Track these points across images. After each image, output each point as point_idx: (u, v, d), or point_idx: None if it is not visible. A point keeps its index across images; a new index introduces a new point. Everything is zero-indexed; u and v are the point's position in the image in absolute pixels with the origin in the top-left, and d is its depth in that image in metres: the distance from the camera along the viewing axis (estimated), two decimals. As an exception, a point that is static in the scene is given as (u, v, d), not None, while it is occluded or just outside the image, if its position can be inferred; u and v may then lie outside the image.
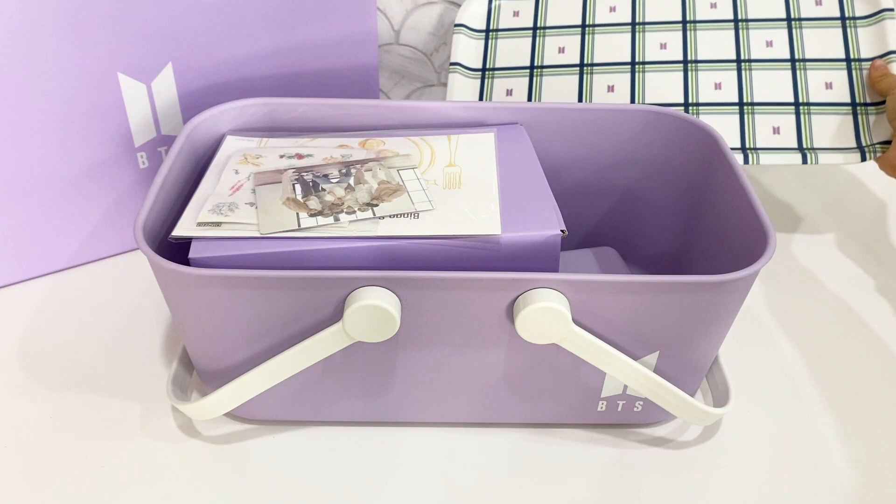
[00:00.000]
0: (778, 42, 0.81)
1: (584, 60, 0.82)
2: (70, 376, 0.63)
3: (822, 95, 0.79)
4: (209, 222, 0.53)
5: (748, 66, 0.81)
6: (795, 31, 0.81)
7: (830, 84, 0.79)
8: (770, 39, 0.81)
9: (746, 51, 0.81)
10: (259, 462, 0.57)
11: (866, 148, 0.76)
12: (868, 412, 0.62)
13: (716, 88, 0.80)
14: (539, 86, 0.82)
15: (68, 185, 0.69)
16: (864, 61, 0.80)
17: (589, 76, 0.82)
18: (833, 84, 0.79)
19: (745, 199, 0.58)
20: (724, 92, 0.80)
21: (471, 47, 0.85)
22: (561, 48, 0.83)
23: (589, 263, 0.70)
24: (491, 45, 0.85)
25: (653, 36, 0.82)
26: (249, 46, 0.71)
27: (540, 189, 0.57)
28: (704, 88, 0.80)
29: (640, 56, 0.82)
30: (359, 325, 0.50)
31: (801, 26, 0.81)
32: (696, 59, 0.81)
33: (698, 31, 0.82)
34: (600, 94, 0.81)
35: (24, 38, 0.61)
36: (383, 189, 0.56)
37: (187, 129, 0.62)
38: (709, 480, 0.57)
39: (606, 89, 0.81)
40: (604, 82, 0.81)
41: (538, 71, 0.83)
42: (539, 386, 0.57)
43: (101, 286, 0.71)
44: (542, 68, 0.83)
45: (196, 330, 0.54)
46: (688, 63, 0.81)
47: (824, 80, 0.79)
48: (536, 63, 0.83)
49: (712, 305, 0.52)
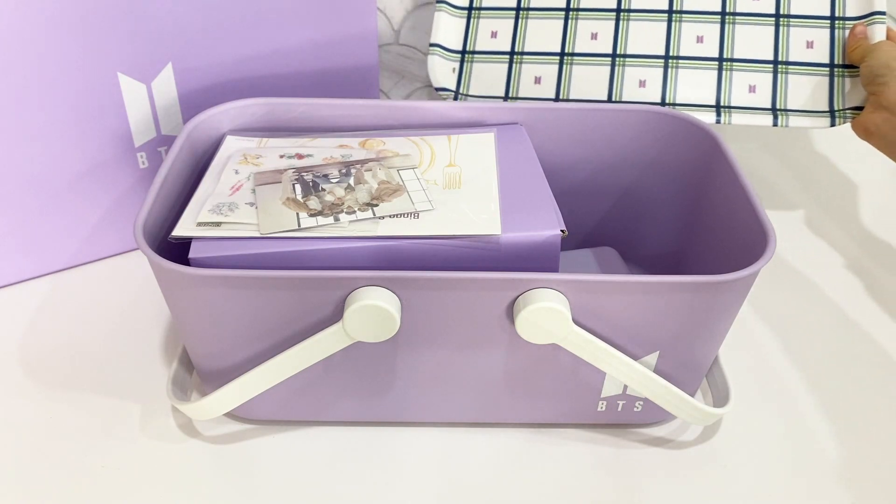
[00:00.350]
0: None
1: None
2: (70, 376, 0.63)
3: (802, 55, 0.78)
4: (209, 222, 0.53)
5: (732, 19, 0.79)
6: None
7: (811, 43, 0.78)
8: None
9: (732, 3, 0.79)
10: (259, 462, 0.57)
11: (837, 113, 0.75)
12: (868, 412, 0.62)
13: (697, 42, 0.79)
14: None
15: (68, 185, 0.69)
16: (849, 20, 0.78)
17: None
18: (814, 43, 0.78)
19: (745, 199, 0.58)
20: (706, 46, 0.78)
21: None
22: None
23: (589, 263, 0.70)
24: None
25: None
26: (249, 46, 0.71)
27: (540, 189, 0.57)
28: (686, 42, 0.78)
29: (626, 4, 0.80)
30: (359, 325, 0.50)
31: None
32: (681, 10, 0.79)
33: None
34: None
35: (23, 38, 0.61)
36: (383, 189, 0.56)
37: (187, 129, 0.62)
38: (709, 480, 0.57)
39: (590, 35, 0.80)
40: (588, 28, 0.80)
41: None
42: (539, 386, 0.57)
43: (101, 286, 0.71)
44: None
45: (196, 330, 0.54)
46: (672, 13, 0.79)
47: (806, 39, 0.78)
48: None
49: (712, 305, 0.52)
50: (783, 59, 0.78)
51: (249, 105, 0.65)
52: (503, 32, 0.82)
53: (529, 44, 0.81)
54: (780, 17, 0.79)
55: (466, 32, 0.82)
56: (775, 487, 0.57)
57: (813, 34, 0.78)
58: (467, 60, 0.82)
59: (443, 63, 0.81)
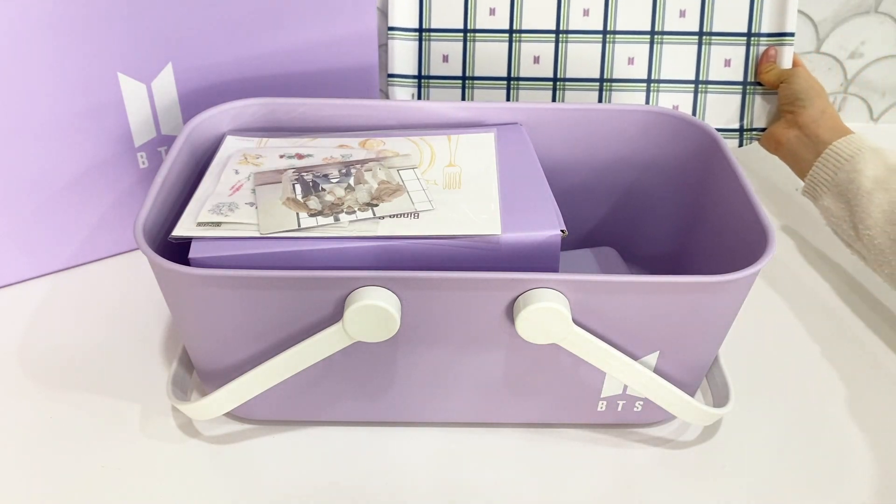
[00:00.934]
0: (691, 12, 0.83)
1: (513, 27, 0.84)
2: (70, 376, 0.63)
3: (720, 73, 0.83)
4: (209, 222, 0.53)
5: (660, 38, 0.83)
6: (708, 1, 0.82)
7: (729, 61, 0.83)
8: (684, 9, 0.83)
9: (661, 22, 0.83)
10: (259, 462, 0.57)
11: (745, 133, 0.81)
12: (869, 412, 0.62)
13: (629, 63, 0.83)
14: (474, 50, 0.84)
15: (68, 185, 0.69)
16: (763, 37, 0.82)
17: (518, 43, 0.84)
18: (731, 61, 0.83)
19: (745, 199, 0.58)
20: (636, 67, 0.83)
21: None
22: (492, 9, 0.84)
23: (589, 263, 0.70)
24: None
25: (577, 3, 0.83)
26: (249, 46, 0.71)
27: (540, 189, 0.57)
28: (619, 63, 0.83)
29: (565, 25, 0.83)
30: (359, 325, 0.50)
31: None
32: (614, 31, 0.83)
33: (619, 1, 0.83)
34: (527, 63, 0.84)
35: (24, 38, 0.61)
36: (383, 189, 0.56)
37: (187, 129, 0.62)
38: (708, 480, 0.57)
39: (532, 60, 0.84)
40: (530, 52, 0.84)
41: (471, 35, 0.84)
42: (539, 386, 0.56)
43: (101, 286, 0.71)
44: (476, 32, 0.84)
45: (196, 330, 0.54)
46: (606, 34, 0.83)
47: (724, 57, 0.83)
48: (469, 27, 0.84)
49: (712, 305, 0.52)
50: (703, 79, 0.83)
51: (249, 105, 0.65)
52: (454, 56, 0.85)
53: (479, 68, 0.85)
54: (703, 35, 0.83)
55: (420, 57, 0.85)
56: (775, 487, 0.57)
57: (731, 52, 0.83)
58: (424, 86, 0.86)
59: (402, 91, 0.85)
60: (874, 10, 0.94)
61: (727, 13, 0.82)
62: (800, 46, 0.96)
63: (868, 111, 1.02)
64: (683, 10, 0.82)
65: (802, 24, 0.94)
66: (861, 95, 1.01)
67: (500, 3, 0.83)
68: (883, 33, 0.95)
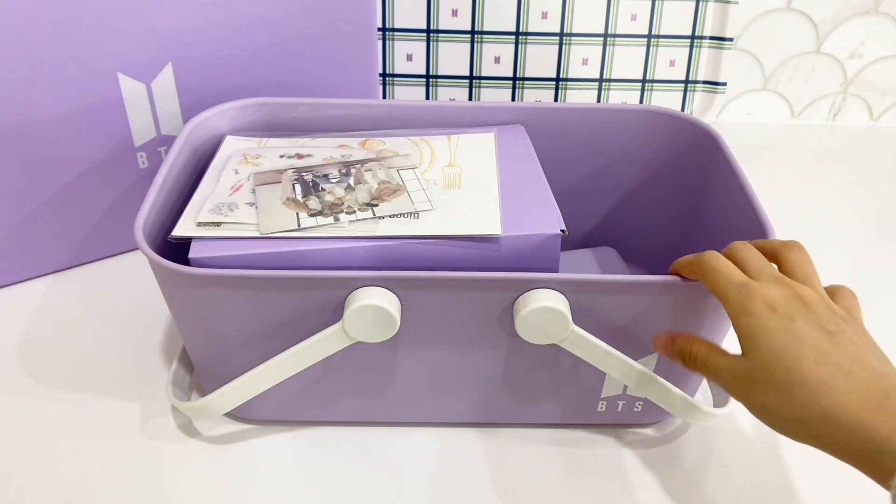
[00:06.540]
0: (641, 16, 0.87)
1: (474, 27, 0.87)
2: (70, 376, 0.63)
3: (665, 72, 0.89)
4: (209, 222, 0.53)
5: (612, 40, 0.88)
6: (658, 3, 0.87)
7: (674, 62, 0.89)
8: (635, 13, 0.87)
9: (614, 25, 0.87)
10: (259, 462, 0.57)
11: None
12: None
13: (583, 64, 0.88)
14: (437, 49, 0.88)
15: (68, 185, 0.69)
16: (706, 39, 0.88)
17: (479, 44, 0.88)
18: (675, 62, 0.89)
19: (745, 199, 0.58)
20: (590, 67, 0.88)
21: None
22: (455, 11, 0.87)
23: (589, 263, 0.70)
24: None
25: (537, 4, 0.86)
26: (249, 46, 0.71)
27: (540, 189, 0.57)
28: (574, 64, 0.88)
29: (524, 27, 0.87)
30: (359, 325, 0.50)
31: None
32: (570, 32, 0.87)
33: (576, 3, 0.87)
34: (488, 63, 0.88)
35: (23, 37, 0.61)
36: (383, 189, 0.56)
37: (187, 129, 0.62)
38: (709, 480, 0.57)
39: (493, 60, 0.88)
40: (491, 52, 0.88)
41: (435, 36, 0.87)
42: (539, 386, 0.56)
43: (101, 286, 0.71)
44: (439, 32, 0.87)
45: (196, 330, 0.54)
46: (563, 36, 0.87)
47: (669, 58, 0.88)
48: (433, 26, 0.87)
49: (713, 305, 0.52)
50: (650, 78, 0.89)
51: (249, 105, 0.65)
52: (418, 55, 0.89)
53: (442, 67, 0.89)
54: (651, 38, 0.88)
55: (384, 55, 0.89)
56: (775, 487, 0.57)
57: (675, 53, 0.88)
58: (388, 83, 0.90)
59: None
60: (874, 10, 0.94)
61: (674, 17, 0.87)
62: (800, 46, 0.96)
63: (868, 111, 1.02)
64: (634, 14, 0.87)
65: (802, 24, 0.94)
66: (861, 95, 1.01)
67: (462, 5, 0.86)
68: (883, 33, 0.96)
